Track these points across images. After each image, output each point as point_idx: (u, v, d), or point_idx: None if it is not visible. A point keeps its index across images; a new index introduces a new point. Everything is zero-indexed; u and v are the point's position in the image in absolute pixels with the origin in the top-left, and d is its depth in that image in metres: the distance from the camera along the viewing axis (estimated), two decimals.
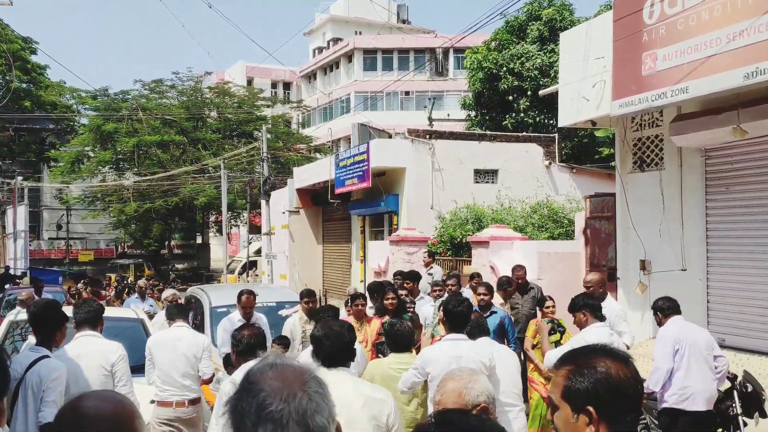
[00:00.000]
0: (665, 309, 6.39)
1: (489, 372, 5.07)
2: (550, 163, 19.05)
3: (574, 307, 6.17)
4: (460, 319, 5.30)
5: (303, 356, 5.66)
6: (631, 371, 1.88)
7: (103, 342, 5.44)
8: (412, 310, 8.87)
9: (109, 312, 6.25)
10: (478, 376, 3.14)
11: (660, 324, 6.39)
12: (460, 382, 3.07)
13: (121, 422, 1.77)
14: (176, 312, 6.84)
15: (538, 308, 8.54)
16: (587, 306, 6.02)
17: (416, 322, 8.64)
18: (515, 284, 9.46)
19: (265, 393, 1.50)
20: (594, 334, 5.83)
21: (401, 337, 5.58)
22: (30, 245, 35.84)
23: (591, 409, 1.84)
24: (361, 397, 3.63)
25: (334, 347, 3.73)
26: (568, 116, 10.50)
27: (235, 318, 8.06)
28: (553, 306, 7.90)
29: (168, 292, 10.29)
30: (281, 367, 1.58)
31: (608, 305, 7.30)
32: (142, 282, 13.27)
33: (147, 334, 8.07)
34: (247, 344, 4.79)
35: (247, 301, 7.97)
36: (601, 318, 6.02)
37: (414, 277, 10.31)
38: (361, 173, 18.41)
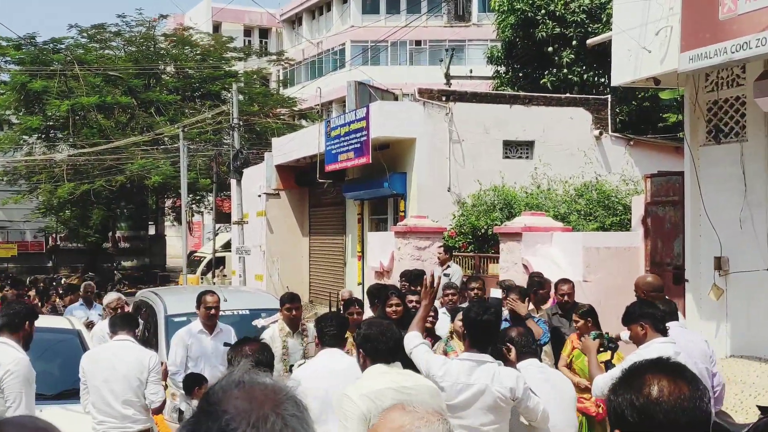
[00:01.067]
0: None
1: (513, 404, 5.15)
2: (600, 133, 19.02)
3: (631, 317, 6.15)
4: (485, 331, 5.29)
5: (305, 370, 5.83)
6: (686, 393, 1.94)
7: (5, 351, 5.60)
8: (431, 322, 8.77)
9: (38, 321, 6.26)
10: (439, 424, 3.07)
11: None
12: (410, 417, 2.98)
13: None
14: (120, 323, 6.87)
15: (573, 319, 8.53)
16: (646, 316, 5.99)
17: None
18: (548, 286, 9.39)
19: (228, 416, 1.51)
20: (655, 352, 5.83)
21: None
22: None
23: None
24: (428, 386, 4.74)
25: (391, 342, 4.75)
26: (624, 73, 10.48)
27: (195, 329, 8.10)
28: (570, 289, 8.06)
29: (111, 297, 10.32)
30: (250, 384, 1.58)
31: None
32: (87, 284, 13.37)
33: (84, 348, 8.09)
34: (257, 363, 4.72)
35: (211, 302, 7.99)
36: (664, 332, 6.01)
37: (420, 278, 10.27)
38: (358, 145, 18.41)
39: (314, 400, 5.16)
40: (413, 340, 5.44)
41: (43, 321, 8.21)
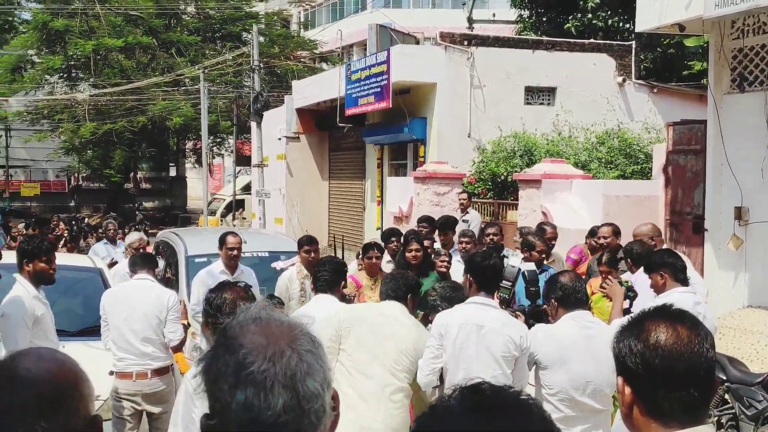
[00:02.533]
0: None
1: (518, 355, 4.98)
2: (624, 80, 18.83)
3: (651, 266, 6.15)
4: (490, 276, 5.29)
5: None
6: (683, 339, 1.97)
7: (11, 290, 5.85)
8: (445, 266, 8.75)
9: (59, 259, 6.34)
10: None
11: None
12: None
13: (62, 386, 1.81)
14: (140, 262, 6.93)
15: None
16: (667, 265, 5.97)
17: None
18: (553, 241, 9.31)
19: (246, 350, 1.53)
20: (673, 301, 5.82)
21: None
22: None
23: (620, 379, 2.04)
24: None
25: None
26: (648, 18, 10.33)
27: (216, 270, 8.17)
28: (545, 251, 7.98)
29: (133, 237, 10.40)
30: (267, 320, 1.61)
31: None
32: (110, 224, 13.48)
33: (106, 287, 8.21)
34: (229, 314, 4.63)
35: (233, 242, 8.05)
36: (684, 281, 5.99)
37: (448, 224, 10.18)
38: (379, 90, 18.31)
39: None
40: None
41: (65, 259, 8.35)
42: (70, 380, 1.83)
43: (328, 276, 6.19)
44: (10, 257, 6.65)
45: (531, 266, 7.53)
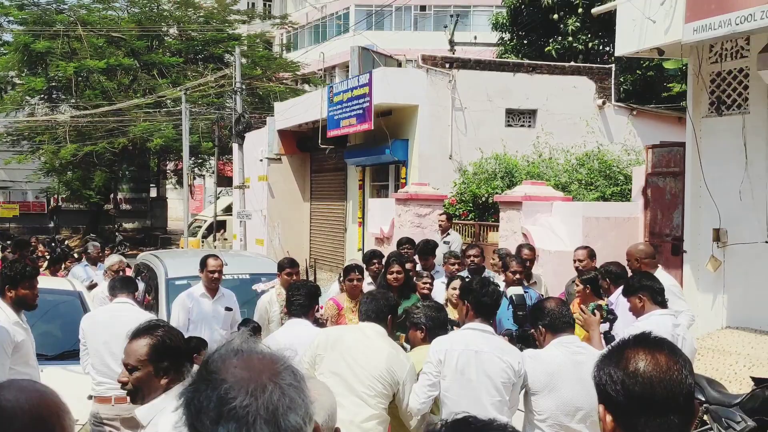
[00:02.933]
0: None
1: (516, 381, 4.96)
2: (604, 102, 19.00)
3: (629, 289, 6.20)
4: (488, 302, 5.27)
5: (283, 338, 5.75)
6: (662, 366, 1.98)
7: None
8: (428, 288, 8.69)
9: (41, 283, 6.30)
10: (326, 391, 3.12)
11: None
12: None
13: (44, 418, 1.80)
14: (119, 285, 6.90)
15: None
16: (645, 288, 6.03)
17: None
18: (531, 263, 9.34)
19: (227, 385, 1.53)
20: (653, 324, 5.86)
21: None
22: None
23: (601, 407, 2.05)
24: None
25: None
26: (628, 42, 10.44)
27: (197, 292, 8.15)
28: (521, 272, 7.98)
29: (113, 260, 10.33)
30: (248, 353, 1.61)
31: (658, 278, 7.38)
32: (91, 246, 13.39)
33: (86, 310, 8.16)
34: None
35: (215, 265, 8.02)
36: (663, 303, 6.04)
37: (428, 249, 10.13)
38: (360, 111, 18.38)
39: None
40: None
41: (44, 282, 8.27)
42: (52, 412, 1.82)
43: (302, 300, 6.15)
44: None
45: (518, 290, 7.58)
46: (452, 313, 7.73)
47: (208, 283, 8.11)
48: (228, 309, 8.32)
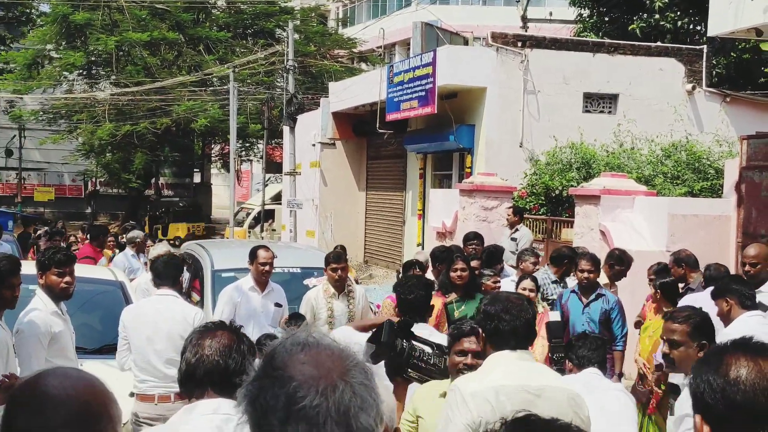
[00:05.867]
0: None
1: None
2: (694, 87, 18.71)
3: (717, 292, 6.21)
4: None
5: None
6: (766, 373, 1.98)
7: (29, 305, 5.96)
8: (498, 287, 8.76)
9: (77, 271, 6.43)
10: (385, 389, 3.10)
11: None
12: None
13: (90, 406, 1.87)
14: (163, 273, 6.91)
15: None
16: (732, 292, 6.04)
17: None
18: (629, 263, 9.27)
19: (296, 383, 1.57)
20: (740, 327, 5.85)
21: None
22: None
23: (697, 418, 2.05)
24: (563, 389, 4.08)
25: (518, 322, 4.10)
26: (722, 22, 10.30)
27: (246, 286, 8.26)
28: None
29: (160, 249, 10.46)
30: (316, 348, 1.64)
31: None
32: (135, 233, 13.58)
33: (128, 302, 8.32)
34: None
35: (265, 257, 8.12)
36: (752, 307, 6.02)
37: (495, 256, 10.09)
38: (423, 94, 18.39)
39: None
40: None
41: (84, 271, 8.47)
42: (99, 401, 1.89)
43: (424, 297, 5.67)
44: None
45: (556, 315, 7.62)
46: None
47: (258, 276, 8.21)
48: (278, 305, 8.43)
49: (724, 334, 6.01)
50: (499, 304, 4.16)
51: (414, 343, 4.03)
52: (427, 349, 4.10)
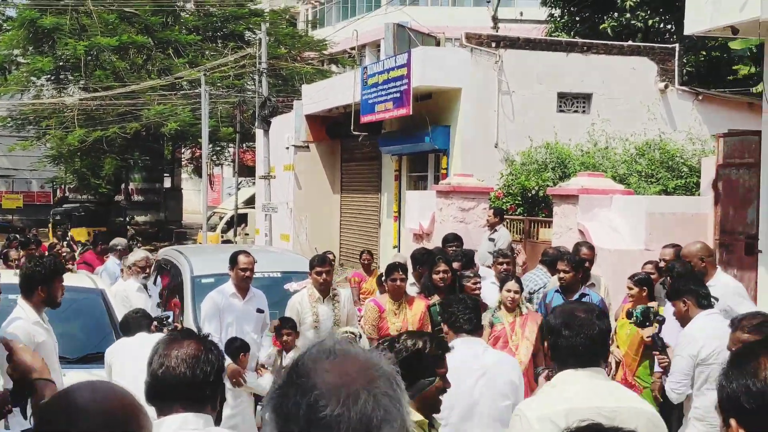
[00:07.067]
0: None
1: None
2: (666, 86, 18.84)
3: (674, 293, 6.34)
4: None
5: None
6: None
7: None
8: (478, 288, 8.78)
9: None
10: None
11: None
12: None
13: (122, 419, 1.86)
14: (134, 325, 6.92)
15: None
16: (689, 292, 6.17)
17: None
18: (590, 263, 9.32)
19: (318, 392, 1.56)
20: (703, 327, 5.96)
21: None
22: None
23: (732, 422, 2.02)
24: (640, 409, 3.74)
25: (579, 338, 3.76)
26: (698, 20, 10.35)
27: (228, 291, 8.21)
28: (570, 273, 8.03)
29: (138, 255, 10.38)
30: (342, 356, 1.63)
31: (719, 282, 7.41)
32: (117, 240, 13.45)
33: (108, 310, 8.25)
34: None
35: (246, 263, 8.08)
36: (707, 306, 6.12)
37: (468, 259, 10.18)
38: (398, 95, 18.38)
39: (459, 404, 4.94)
40: None
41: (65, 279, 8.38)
42: (128, 412, 1.88)
43: (472, 315, 5.47)
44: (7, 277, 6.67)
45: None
46: (506, 317, 7.78)
47: (239, 281, 8.18)
48: (260, 311, 8.40)
49: (685, 335, 6.13)
50: (560, 318, 3.84)
51: None
52: None
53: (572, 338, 3.72)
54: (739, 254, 11.29)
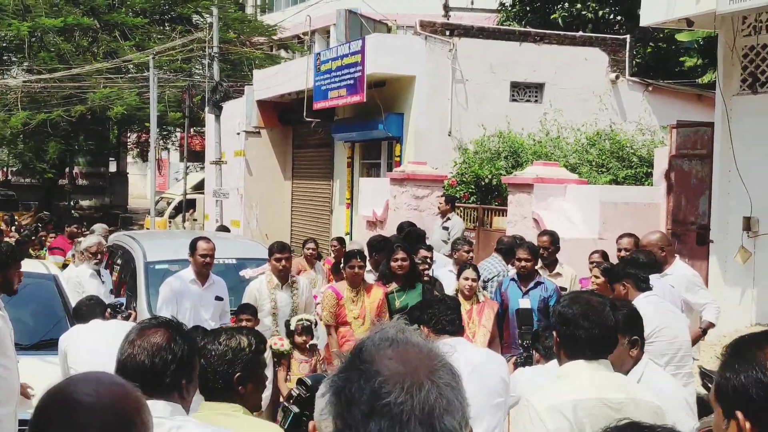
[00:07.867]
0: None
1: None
2: (617, 77, 19.02)
3: (613, 277, 6.45)
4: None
5: None
6: None
7: None
8: (428, 276, 8.96)
9: None
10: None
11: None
12: None
13: (124, 414, 1.82)
14: (87, 313, 6.66)
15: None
16: (628, 276, 6.27)
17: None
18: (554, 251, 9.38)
19: (382, 378, 1.56)
20: (642, 309, 6.02)
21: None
22: None
23: (739, 414, 2.00)
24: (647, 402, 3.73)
25: (598, 330, 3.73)
26: (655, 12, 10.47)
27: (187, 277, 8.13)
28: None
29: (91, 240, 10.21)
30: (404, 345, 1.63)
31: (676, 271, 7.54)
32: (70, 227, 13.29)
33: (61, 295, 8.14)
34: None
35: (206, 249, 8.00)
36: (646, 289, 6.20)
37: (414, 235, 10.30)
38: (351, 82, 18.32)
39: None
40: None
41: None
42: (131, 407, 1.85)
43: (454, 315, 5.45)
44: None
45: (526, 303, 7.74)
46: (464, 304, 7.81)
47: (199, 268, 8.10)
48: (219, 298, 8.32)
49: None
50: (578, 308, 3.76)
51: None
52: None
53: (591, 330, 3.69)
54: (691, 244, 11.48)
